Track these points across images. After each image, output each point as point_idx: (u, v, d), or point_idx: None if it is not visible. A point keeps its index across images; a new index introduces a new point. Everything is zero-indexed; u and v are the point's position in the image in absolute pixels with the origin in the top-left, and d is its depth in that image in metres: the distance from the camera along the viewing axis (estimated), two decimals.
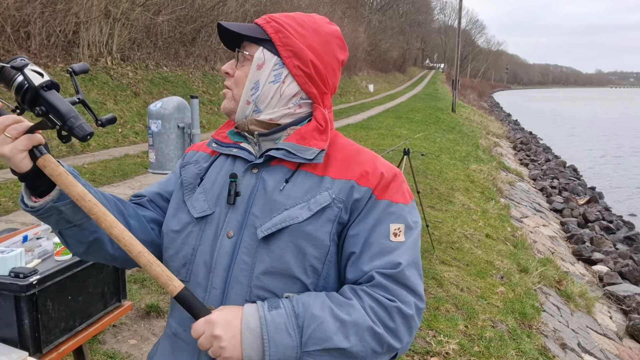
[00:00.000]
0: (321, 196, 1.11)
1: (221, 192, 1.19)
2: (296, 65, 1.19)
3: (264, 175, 1.17)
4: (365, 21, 56.53)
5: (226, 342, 1.00)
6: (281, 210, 1.11)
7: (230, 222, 1.15)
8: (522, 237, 7.47)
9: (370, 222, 1.10)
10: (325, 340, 1.01)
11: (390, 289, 1.06)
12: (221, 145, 1.26)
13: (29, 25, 11.46)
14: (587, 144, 28.93)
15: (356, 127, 16.75)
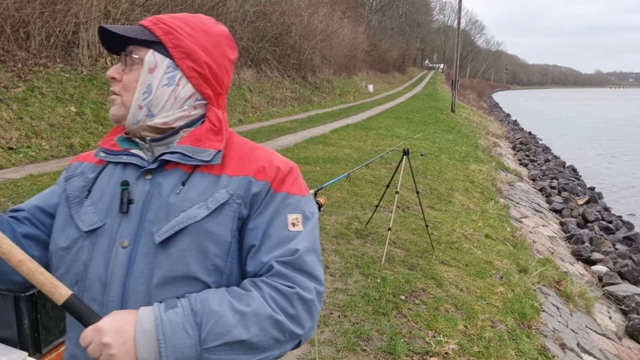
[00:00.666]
0: (219, 194, 1.11)
1: (112, 202, 1.14)
2: (190, 66, 1.18)
3: (159, 180, 1.14)
4: (364, 21, 56.52)
5: (116, 349, 0.96)
6: (178, 213, 1.09)
7: (124, 231, 1.11)
8: (521, 237, 7.48)
9: (268, 215, 1.12)
10: (225, 335, 0.99)
11: (289, 276, 1.06)
12: (109, 153, 1.21)
13: (29, 26, 11.46)
14: (586, 144, 28.94)
15: (355, 128, 16.75)
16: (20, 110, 9.79)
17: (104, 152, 1.22)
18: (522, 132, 31.04)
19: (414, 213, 7.01)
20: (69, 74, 11.95)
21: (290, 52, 26.09)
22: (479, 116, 31.31)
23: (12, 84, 10.28)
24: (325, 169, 9.17)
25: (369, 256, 5.18)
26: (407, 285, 4.61)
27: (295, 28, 25.97)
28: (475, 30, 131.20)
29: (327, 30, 31.39)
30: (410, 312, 4.14)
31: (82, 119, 10.96)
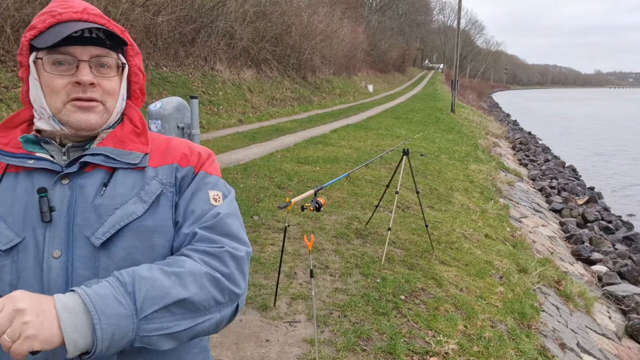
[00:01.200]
0: (150, 186, 1.11)
1: (26, 213, 1.05)
2: (137, 64, 1.21)
3: (80, 183, 1.08)
4: (364, 21, 56.54)
5: (31, 315, 0.85)
6: (111, 212, 1.06)
7: (52, 241, 1.03)
8: (521, 237, 7.48)
9: (190, 192, 1.13)
10: (163, 297, 0.94)
11: (214, 239, 1.06)
12: (11, 156, 1.09)
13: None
14: (586, 144, 28.95)
15: (355, 128, 16.76)
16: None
17: (6, 155, 1.10)
18: (521, 132, 31.05)
19: (414, 213, 7.02)
20: None
21: (290, 52, 26.09)
22: (479, 116, 31.32)
23: (12, 83, 10.28)
24: (325, 169, 9.17)
25: (369, 256, 5.19)
26: (407, 285, 4.61)
27: (295, 28, 25.97)
28: (475, 30, 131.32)
29: (327, 31, 31.40)
30: (410, 312, 4.14)
31: None
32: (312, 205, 3.75)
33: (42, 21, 1.09)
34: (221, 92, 17.69)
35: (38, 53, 1.09)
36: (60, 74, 1.08)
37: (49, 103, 1.09)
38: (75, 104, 1.08)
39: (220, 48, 19.12)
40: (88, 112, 1.09)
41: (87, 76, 1.08)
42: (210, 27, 18.44)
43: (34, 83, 1.11)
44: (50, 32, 1.07)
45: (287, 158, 10.05)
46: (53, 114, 1.09)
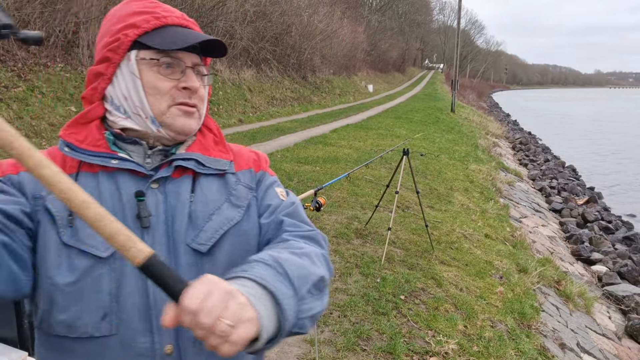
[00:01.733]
0: (238, 191, 1.14)
1: (119, 217, 0.93)
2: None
3: (172, 188, 1.07)
4: (364, 21, 56.53)
5: (244, 297, 0.79)
6: (208, 218, 1.06)
7: (153, 247, 0.94)
8: (521, 237, 7.48)
9: (262, 191, 1.18)
10: (308, 276, 0.94)
11: (298, 224, 1.12)
12: (90, 154, 1.04)
13: (29, 25, 11.45)
14: (586, 144, 28.96)
15: (355, 127, 16.75)
16: (20, 110, 9.80)
17: (83, 152, 1.04)
18: (521, 132, 31.05)
19: (414, 213, 7.02)
20: (69, 74, 11.95)
21: (290, 52, 26.09)
22: (479, 116, 31.33)
23: (12, 83, 10.28)
24: (325, 169, 9.17)
25: (369, 256, 5.19)
26: (406, 285, 4.61)
27: (295, 28, 25.97)
28: (475, 30, 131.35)
29: (327, 30, 31.39)
30: (410, 312, 4.14)
31: None
32: (312, 205, 3.75)
33: (146, 21, 1.07)
34: (221, 92, 17.69)
35: (140, 52, 1.06)
36: (167, 77, 1.06)
37: (152, 104, 1.06)
38: (180, 108, 1.07)
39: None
40: (191, 118, 1.08)
41: (196, 83, 1.08)
42: (210, 27, 18.43)
43: (133, 81, 1.06)
44: (160, 34, 1.06)
45: (287, 158, 10.04)
46: (154, 116, 1.06)
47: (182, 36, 1.06)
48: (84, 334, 0.97)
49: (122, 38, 1.06)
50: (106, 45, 1.08)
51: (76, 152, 1.04)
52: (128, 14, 1.09)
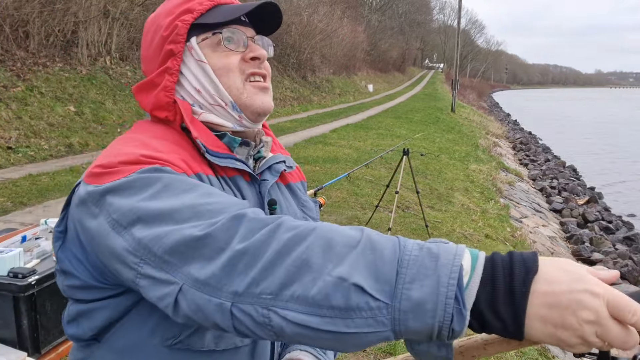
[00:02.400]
0: (309, 204, 1.15)
1: None
2: None
3: (282, 193, 1.09)
4: (364, 21, 56.55)
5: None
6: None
7: None
8: (521, 238, 7.47)
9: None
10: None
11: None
12: (219, 156, 0.98)
13: (28, 25, 11.45)
14: (586, 144, 28.95)
15: (355, 127, 16.75)
16: (19, 110, 9.79)
17: (216, 155, 0.98)
18: (522, 132, 31.05)
19: (414, 213, 7.01)
20: (68, 74, 11.95)
21: (290, 51, 26.10)
22: (479, 116, 31.34)
23: (11, 83, 10.27)
24: (324, 169, 9.16)
25: None
26: None
27: (295, 27, 25.98)
28: (475, 29, 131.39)
29: (327, 30, 31.41)
30: None
31: (82, 118, 10.95)
32: None
33: (200, 3, 1.02)
34: None
35: (198, 37, 1.02)
36: (233, 50, 1.01)
37: (227, 85, 1.01)
38: (255, 85, 1.02)
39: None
40: (267, 94, 1.04)
41: (263, 50, 1.03)
42: None
43: (202, 68, 1.02)
44: (214, 13, 1.02)
45: None
46: (233, 99, 1.01)
47: (237, 8, 1.02)
48: (231, 344, 0.93)
49: (180, 24, 1.01)
50: (164, 40, 1.01)
51: (213, 157, 0.96)
52: (177, 4, 1.04)
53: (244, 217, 0.71)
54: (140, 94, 1.04)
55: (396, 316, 0.60)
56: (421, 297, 0.59)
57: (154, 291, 0.74)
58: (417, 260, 0.62)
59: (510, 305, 0.60)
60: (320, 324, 0.63)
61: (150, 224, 0.75)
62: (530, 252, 0.64)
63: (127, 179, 0.81)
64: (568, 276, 0.61)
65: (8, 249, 2.10)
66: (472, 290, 0.61)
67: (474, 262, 0.62)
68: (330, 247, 0.65)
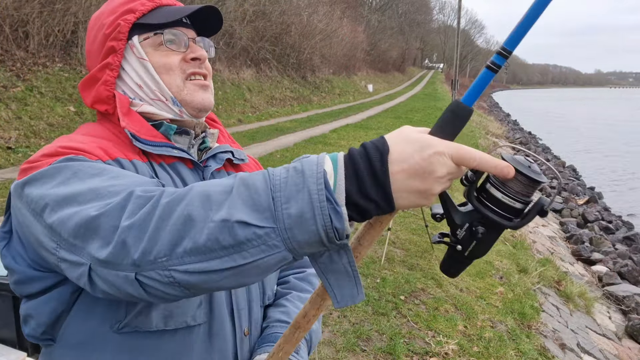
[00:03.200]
0: None
1: None
2: None
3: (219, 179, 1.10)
4: (364, 21, 56.52)
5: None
6: None
7: None
8: (521, 238, 7.47)
9: None
10: None
11: None
12: (153, 145, 1.02)
13: (28, 25, 11.44)
14: (586, 144, 28.95)
15: (355, 127, 16.75)
16: (19, 110, 9.78)
17: (148, 144, 1.02)
18: (522, 132, 31.04)
19: (413, 213, 7.01)
20: (67, 74, 11.94)
21: (290, 51, 26.08)
22: (479, 116, 31.32)
23: (11, 83, 10.27)
24: None
25: (369, 256, 5.17)
26: (406, 285, 4.60)
27: (294, 27, 25.96)
28: (475, 29, 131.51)
29: (327, 30, 31.39)
30: (410, 313, 4.13)
31: (81, 118, 10.95)
32: None
33: (142, 4, 1.07)
34: (220, 92, 17.67)
35: (141, 36, 1.07)
36: (174, 50, 1.06)
37: (167, 82, 1.06)
38: (196, 83, 1.07)
39: (219, 47, 19.09)
40: (207, 91, 1.09)
41: (202, 51, 1.08)
42: None
43: (144, 65, 1.06)
44: (156, 14, 1.07)
45: (287, 158, 10.03)
46: (173, 95, 1.06)
47: (178, 10, 1.07)
48: (182, 323, 0.95)
49: (122, 23, 1.05)
50: (106, 37, 1.06)
51: (145, 144, 1.00)
52: (120, 3, 1.08)
53: (132, 194, 0.74)
54: (84, 90, 1.09)
55: (284, 235, 0.66)
56: (299, 210, 0.66)
57: (72, 272, 0.79)
58: (287, 181, 0.68)
59: (377, 186, 0.68)
60: (220, 264, 0.68)
61: (57, 208, 0.79)
62: (379, 137, 0.76)
63: (41, 170, 0.86)
64: (415, 146, 0.70)
65: None
66: (341, 188, 0.67)
67: (334, 164, 0.69)
68: (208, 198, 0.69)
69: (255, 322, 1.09)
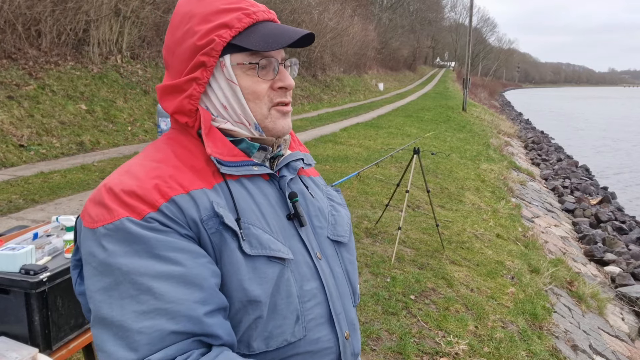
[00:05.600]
0: (332, 193, 1.24)
1: (279, 220, 1.03)
2: None
3: (298, 188, 1.12)
4: (375, 19, 56.38)
5: None
6: (330, 212, 1.16)
7: (311, 244, 1.06)
8: (533, 238, 7.41)
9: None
10: None
11: None
12: (235, 165, 1.01)
13: (40, 24, 11.54)
14: (599, 144, 28.66)
15: (366, 126, 16.71)
16: (31, 108, 9.87)
17: (231, 165, 1.00)
18: (534, 131, 30.79)
19: (424, 212, 6.97)
20: (79, 72, 12.03)
21: (300, 50, 26.07)
22: (491, 115, 31.10)
23: (24, 81, 10.36)
24: (335, 168, 9.15)
25: (379, 255, 5.16)
26: (417, 284, 4.58)
27: (305, 26, 25.95)
28: (487, 28, 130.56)
29: (338, 28, 31.35)
30: (420, 312, 4.11)
31: (93, 116, 11.02)
32: None
33: (238, 20, 0.99)
34: None
35: (234, 56, 1.01)
36: (263, 78, 1.02)
37: (254, 110, 1.03)
38: (279, 110, 1.05)
39: None
40: (288, 117, 1.07)
41: (291, 80, 1.06)
42: None
43: (232, 88, 1.02)
44: (253, 34, 1.00)
45: None
46: (257, 122, 1.04)
47: (277, 34, 1.00)
48: (283, 342, 0.96)
49: (217, 39, 0.98)
50: (198, 49, 0.99)
51: (228, 167, 0.99)
52: (215, 11, 1.00)
53: None
54: (164, 96, 1.05)
55: None
56: None
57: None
58: None
59: None
60: None
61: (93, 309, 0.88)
62: None
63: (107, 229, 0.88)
64: None
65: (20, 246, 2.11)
66: None
67: None
68: None
69: (351, 323, 1.10)
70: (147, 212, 0.88)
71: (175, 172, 0.95)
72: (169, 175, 0.94)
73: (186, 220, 0.91)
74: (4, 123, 9.00)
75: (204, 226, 0.92)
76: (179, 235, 0.89)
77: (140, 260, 0.85)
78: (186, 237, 0.90)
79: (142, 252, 0.85)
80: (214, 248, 0.93)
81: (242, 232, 0.94)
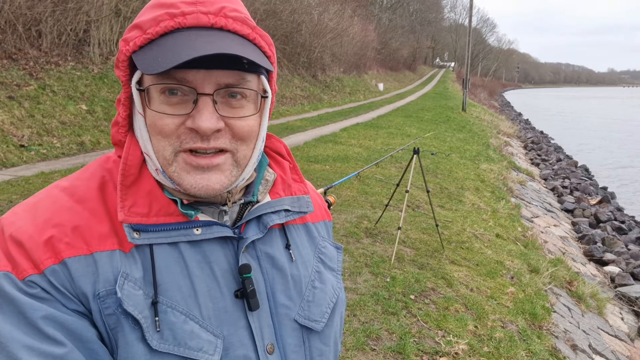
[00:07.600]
0: (328, 250, 0.94)
1: (217, 301, 0.77)
2: (275, 90, 0.85)
3: (266, 251, 0.84)
4: (375, 20, 56.40)
5: None
6: (311, 284, 0.87)
7: (262, 332, 0.79)
8: (532, 237, 7.42)
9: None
10: None
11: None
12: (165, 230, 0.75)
13: (41, 24, 11.55)
14: (599, 144, 28.67)
15: (365, 126, 16.72)
16: (31, 108, 9.88)
17: (158, 230, 0.75)
18: (533, 132, 30.80)
19: (424, 212, 6.98)
20: (80, 72, 12.03)
21: (300, 50, 26.09)
22: (490, 115, 31.11)
23: (24, 82, 10.37)
24: (335, 168, 9.15)
25: (379, 255, 5.16)
26: (416, 284, 4.58)
27: (305, 26, 25.97)
28: (487, 28, 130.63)
29: (338, 29, 31.36)
30: (420, 312, 4.12)
31: (93, 117, 11.03)
32: None
33: (154, 23, 0.72)
34: None
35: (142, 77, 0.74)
36: (171, 111, 0.72)
37: (156, 149, 0.74)
38: (187, 160, 0.74)
39: None
40: (209, 173, 0.74)
41: (207, 122, 0.71)
42: None
43: (138, 118, 0.76)
44: (162, 45, 0.70)
45: (297, 157, 10.04)
46: (162, 167, 0.75)
47: (178, 50, 0.68)
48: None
49: (122, 47, 0.75)
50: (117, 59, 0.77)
51: (150, 234, 0.74)
52: (152, 4, 0.76)
53: None
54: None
55: None
56: None
57: None
58: None
59: None
60: None
61: None
62: None
63: None
64: None
65: None
66: None
67: None
68: None
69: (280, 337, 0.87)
70: (29, 274, 0.68)
71: (87, 221, 0.73)
72: (74, 225, 0.72)
73: (75, 291, 0.70)
74: (4, 123, 9.00)
75: (99, 303, 0.70)
76: (64, 308, 0.69)
77: (12, 328, 0.65)
78: (74, 312, 0.69)
79: (14, 319, 0.66)
80: (109, 333, 0.71)
81: (158, 320, 0.72)
